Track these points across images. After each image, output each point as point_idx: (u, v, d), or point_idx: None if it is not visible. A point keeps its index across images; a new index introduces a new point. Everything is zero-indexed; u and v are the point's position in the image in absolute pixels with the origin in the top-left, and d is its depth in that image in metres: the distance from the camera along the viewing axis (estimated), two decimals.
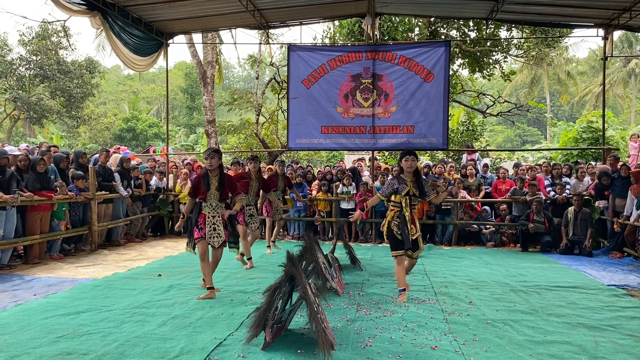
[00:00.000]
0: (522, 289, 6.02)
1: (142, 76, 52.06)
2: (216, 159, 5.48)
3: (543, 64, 24.27)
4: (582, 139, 18.67)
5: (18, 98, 23.71)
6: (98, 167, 9.11)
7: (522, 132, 45.40)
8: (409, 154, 5.36)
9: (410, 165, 5.32)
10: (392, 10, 11.67)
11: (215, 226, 5.50)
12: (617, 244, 8.69)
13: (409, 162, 5.31)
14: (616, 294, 5.81)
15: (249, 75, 59.04)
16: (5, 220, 6.92)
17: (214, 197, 5.48)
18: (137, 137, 36.74)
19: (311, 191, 10.93)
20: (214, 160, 5.45)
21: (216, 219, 5.51)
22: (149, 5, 9.87)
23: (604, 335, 4.32)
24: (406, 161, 5.32)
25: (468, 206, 10.20)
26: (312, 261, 5.09)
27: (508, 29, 15.75)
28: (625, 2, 9.31)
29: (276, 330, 3.94)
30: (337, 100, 10.70)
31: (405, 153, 5.40)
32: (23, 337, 4.06)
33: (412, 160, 5.32)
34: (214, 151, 5.53)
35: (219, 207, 5.54)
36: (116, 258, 8.16)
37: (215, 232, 5.50)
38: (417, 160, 5.42)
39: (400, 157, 5.46)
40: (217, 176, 5.51)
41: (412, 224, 5.38)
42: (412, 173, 5.38)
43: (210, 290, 5.44)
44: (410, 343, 4.02)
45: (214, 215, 5.50)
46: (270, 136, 20.29)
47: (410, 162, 5.31)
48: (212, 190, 5.45)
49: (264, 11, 10.77)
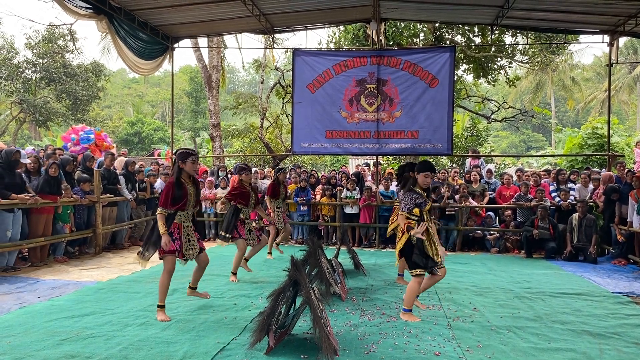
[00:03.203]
0: (527, 296, 5.99)
1: (147, 79, 52.36)
2: (197, 165, 4.97)
3: (548, 70, 24.25)
4: (587, 145, 18.58)
5: (24, 101, 23.82)
6: (103, 170, 9.16)
7: (527, 138, 45.29)
8: (432, 170, 5.08)
9: (430, 182, 5.07)
10: (397, 16, 11.69)
11: (189, 237, 4.98)
12: (622, 251, 8.65)
13: (429, 178, 5.03)
14: (621, 302, 5.78)
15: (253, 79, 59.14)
16: (12, 223, 6.96)
17: (191, 205, 4.97)
18: (143, 140, 36.88)
19: (315, 195, 10.94)
20: (198, 166, 5.00)
21: (190, 228, 5.00)
22: (155, 10, 9.92)
23: (609, 343, 4.29)
24: (426, 177, 5.00)
25: (472, 212, 10.18)
26: (315, 266, 5.10)
27: (513, 34, 15.76)
28: (631, 9, 9.30)
29: (279, 335, 3.93)
30: (341, 105, 10.71)
31: (428, 168, 5.07)
32: (27, 340, 4.07)
33: (432, 178, 5.07)
34: (197, 157, 5.00)
35: (191, 216, 5.06)
36: (120, 261, 8.18)
37: (190, 243, 4.97)
38: None
39: (421, 169, 5.07)
40: (192, 182, 5.00)
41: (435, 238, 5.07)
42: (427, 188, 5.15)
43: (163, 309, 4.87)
44: (413, 349, 4.01)
45: (188, 225, 4.99)
46: (274, 140, 20.33)
47: (429, 179, 5.04)
48: (190, 197, 4.92)
49: (269, 16, 10.80)
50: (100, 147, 15.09)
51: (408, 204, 4.98)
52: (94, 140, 15.18)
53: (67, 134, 15.77)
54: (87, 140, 15.00)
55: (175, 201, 4.81)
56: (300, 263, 4.24)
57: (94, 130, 15.92)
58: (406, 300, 4.99)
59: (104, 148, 15.07)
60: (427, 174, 5.01)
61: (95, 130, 16.06)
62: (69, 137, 15.20)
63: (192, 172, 4.94)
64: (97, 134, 15.64)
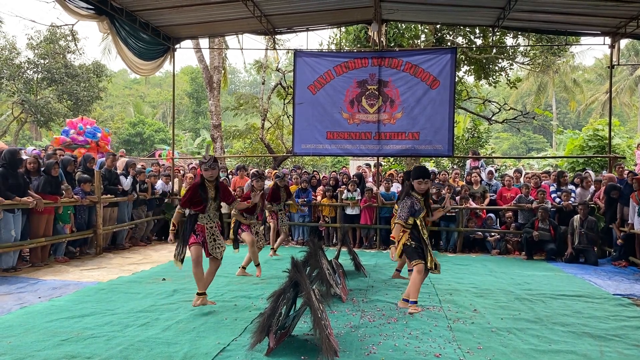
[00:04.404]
0: (527, 297, 5.99)
1: (148, 80, 52.40)
2: (217, 170, 5.25)
3: (549, 72, 24.24)
4: (588, 147, 18.59)
5: (25, 101, 23.86)
6: (104, 170, 9.18)
7: (528, 140, 45.26)
8: (426, 177, 5.10)
9: (424, 188, 5.13)
10: (399, 17, 11.69)
11: (215, 237, 5.23)
12: (622, 252, 8.64)
13: (422, 185, 5.09)
14: (622, 304, 5.77)
15: (254, 80, 59.21)
16: (13, 223, 6.97)
17: (212, 208, 5.23)
18: (145, 141, 36.93)
19: (316, 196, 10.95)
20: (214, 171, 5.20)
21: (214, 229, 5.24)
22: (156, 11, 9.93)
23: (610, 345, 4.29)
24: (419, 184, 5.07)
25: (473, 213, 10.17)
26: (316, 267, 5.09)
27: (514, 36, 15.77)
28: (633, 11, 9.30)
29: (280, 336, 3.93)
30: (342, 106, 10.72)
31: (422, 174, 5.11)
32: (27, 340, 4.07)
33: (426, 184, 5.10)
34: (214, 161, 5.25)
35: (216, 217, 5.29)
36: (121, 262, 8.18)
37: (216, 242, 5.22)
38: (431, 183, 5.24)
39: (415, 176, 5.14)
40: (214, 186, 5.24)
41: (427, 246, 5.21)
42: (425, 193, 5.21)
43: (203, 296, 5.24)
44: (414, 350, 4.01)
45: (212, 226, 5.23)
46: (275, 141, 20.35)
47: (423, 185, 5.09)
48: (210, 201, 5.19)
49: (270, 17, 10.81)
50: (100, 148, 15.04)
51: (403, 212, 5.10)
52: (99, 139, 15.09)
53: (75, 121, 15.58)
54: (92, 136, 14.85)
55: (194, 203, 5.16)
56: (301, 264, 4.24)
57: (102, 130, 15.86)
58: (412, 293, 5.15)
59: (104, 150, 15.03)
60: (420, 181, 5.09)
61: (104, 130, 16.02)
62: (75, 125, 15.00)
63: (208, 178, 5.19)
64: (104, 135, 15.60)
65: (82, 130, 14.85)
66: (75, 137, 14.62)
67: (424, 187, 5.13)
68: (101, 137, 15.28)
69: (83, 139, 14.70)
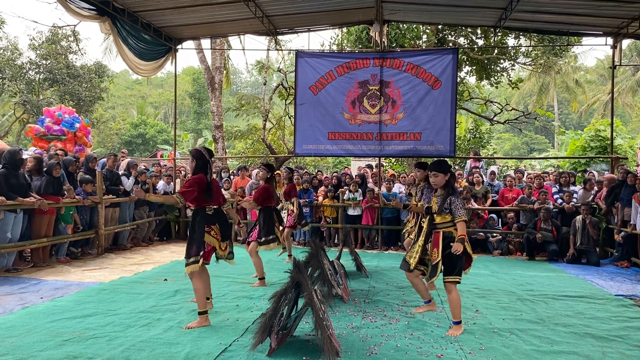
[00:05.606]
0: (529, 298, 5.98)
1: (150, 81, 52.43)
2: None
3: (551, 72, 24.21)
4: (590, 148, 18.56)
5: (27, 101, 23.90)
6: (105, 171, 9.19)
7: (530, 140, 45.21)
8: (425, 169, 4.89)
9: (434, 182, 4.79)
10: (400, 18, 11.68)
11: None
12: (624, 253, 8.63)
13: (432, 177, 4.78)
14: (624, 304, 5.76)
15: (256, 80, 59.22)
16: (14, 224, 6.98)
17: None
18: (147, 142, 36.97)
19: (317, 197, 10.94)
20: None
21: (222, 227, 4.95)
22: (158, 11, 9.94)
23: (612, 345, 4.28)
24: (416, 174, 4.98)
25: (475, 214, 10.16)
26: (318, 267, 5.09)
27: (516, 36, 15.75)
28: (635, 11, 9.28)
29: (281, 337, 3.93)
30: (344, 106, 10.71)
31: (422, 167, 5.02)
32: (29, 340, 4.07)
33: (434, 176, 4.74)
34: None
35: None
36: (122, 262, 8.19)
37: None
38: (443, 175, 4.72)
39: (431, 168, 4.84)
40: None
41: (435, 247, 4.82)
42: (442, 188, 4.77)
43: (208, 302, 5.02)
44: (416, 351, 4.00)
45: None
46: (277, 142, 20.34)
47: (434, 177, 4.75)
48: None
49: (272, 18, 10.82)
50: (77, 139, 14.09)
51: (463, 208, 4.75)
52: (77, 130, 14.17)
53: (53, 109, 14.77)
54: (69, 126, 13.96)
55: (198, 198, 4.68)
56: (303, 265, 4.24)
57: (82, 119, 15.03)
58: (455, 314, 4.65)
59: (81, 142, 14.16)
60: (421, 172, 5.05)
61: (83, 120, 15.17)
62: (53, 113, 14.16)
63: None
64: (84, 125, 14.79)
65: (61, 118, 13.96)
66: (50, 126, 13.71)
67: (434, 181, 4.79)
68: (80, 128, 14.41)
69: (59, 128, 13.75)
